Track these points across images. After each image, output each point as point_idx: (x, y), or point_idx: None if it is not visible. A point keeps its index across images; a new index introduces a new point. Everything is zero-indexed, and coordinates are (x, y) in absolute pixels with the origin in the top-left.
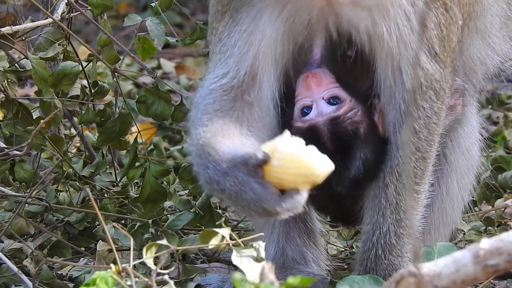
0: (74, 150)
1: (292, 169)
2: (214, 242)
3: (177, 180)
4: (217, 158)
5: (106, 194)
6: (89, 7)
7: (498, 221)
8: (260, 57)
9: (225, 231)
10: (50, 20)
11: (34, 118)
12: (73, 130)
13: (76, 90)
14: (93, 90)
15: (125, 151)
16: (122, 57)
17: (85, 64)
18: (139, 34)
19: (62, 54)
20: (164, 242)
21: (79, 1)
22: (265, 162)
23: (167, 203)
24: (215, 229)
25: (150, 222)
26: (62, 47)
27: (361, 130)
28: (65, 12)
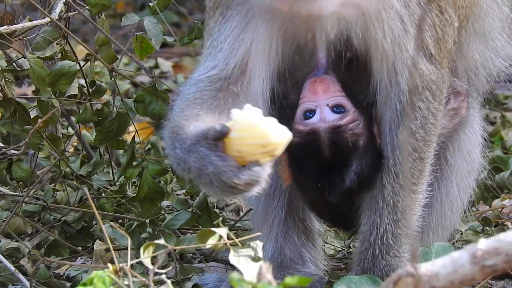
0: (72, 150)
1: (249, 139)
2: (211, 242)
3: (174, 179)
4: (183, 137)
5: (103, 194)
6: (87, 7)
7: (495, 221)
8: (252, 53)
9: (222, 231)
10: (48, 19)
11: (32, 117)
12: (70, 129)
13: (73, 90)
14: (90, 90)
15: (122, 151)
16: (119, 56)
17: (82, 63)
18: (137, 33)
19: (60, 54)
20: (161, 241)
21: (77, 0)
22: (224, 134)
23: (165, 203)
24: (213, 228)
25: (147, 221)
26: (60, 46)
27: (360, 142)
28: (63, 11)
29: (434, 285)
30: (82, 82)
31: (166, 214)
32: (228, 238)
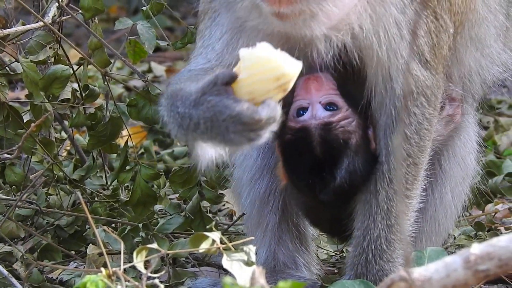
0: (65, 154)
1: (262, 74)
2: (204, 246)
3: (167, 183)
4: (184, 94)
5: (96, 198)
6: (80, 11)
7: (488, 226)
8: None
9: (215, 235)
10: (41, 23)
11: (25, 121)
12: (63, 133)
13: (67, 94)
14: (84, 94)
15: (115, 155)
16: (113, 60)
17: (76, 67)
18: (130, 37)
19: (53, 58)
20: (154, 246)
21: (70, 4)
22: (234, 77)
23: (158, 207)
24: (206, 233)
25: (140, 225)
26: (53, 51)
27: (352, 140)
28: (56, 15)
29: None
30: (75, 86)
31: (159, 218)
32: (221, 242)
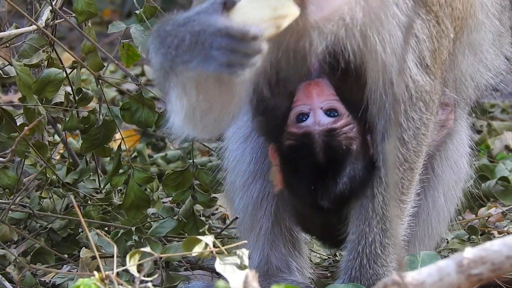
0: (58, 157)
1: (260, 1)
2: (197, 250)
3: (160, 187)
4: (177, 17)
5: (89, 201)
6: (73, 14)
7: (481, 229)
8: None
9: (208, 239)
10: (34, 26)
11: (18, 124)
12: (57, 137)
13: (60, 97)
14: (77, 97)
15: (108, 158)
16: (106, 64)
17: (69, 71)
18: (123, 41)
19: (46, 61)
20: (147, 249)
21: (64, 7)
22: (233, 2)
23: (151, 210)
24: (199, 236)
25: (133, 229)
26: (46, 54)
27: (354, 146)
28: (49, 18)
29: None
30: (69, 89)
31: (152, 222)
32: (214, 246)
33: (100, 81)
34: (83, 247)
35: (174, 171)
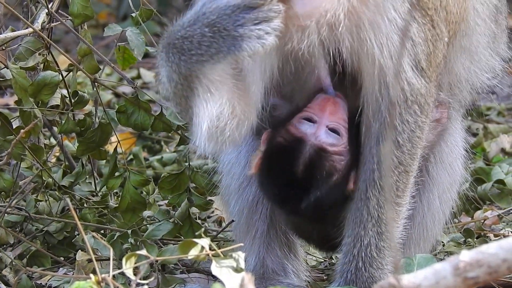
0: (54, 160)
1: None
2: (193, 253)
3: (156, 190)
4: (181, 20)
5: (85, 204)
6: (69, 17)
7: (477, 232)
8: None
9: (204, 242)
10: (30, 29)
11: (14, 127)
12: (53, 139)
13: (56, 100)
14: (73, 100)
15: (104, 161)
16: (102, 66)
17: (65, 73)
18: (119, 44)
19: (42, 64)
20: (143, 252)
21: (60, 10)
22: None
23: (147, 213)
24: (195, 239)
25: (129, 232)
26: (42, 57)
27: (333, 177)
28: (45, 21)
29: None
30: (65, 92)
31: (148, 225)
32: (210, 249)
33: (96, 84)
34: (79, 250)
35: (170, 174)
